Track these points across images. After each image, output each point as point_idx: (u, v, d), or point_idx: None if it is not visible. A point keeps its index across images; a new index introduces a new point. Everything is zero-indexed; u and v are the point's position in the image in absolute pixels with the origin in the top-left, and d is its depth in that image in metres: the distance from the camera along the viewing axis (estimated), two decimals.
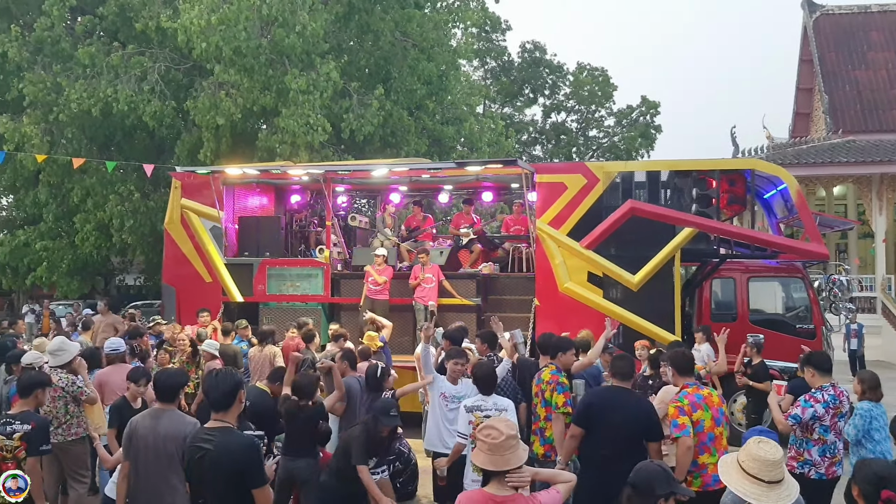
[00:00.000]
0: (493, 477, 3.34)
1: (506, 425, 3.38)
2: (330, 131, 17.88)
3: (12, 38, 18.39)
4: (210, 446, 3.91)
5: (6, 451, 5.19)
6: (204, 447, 3.92)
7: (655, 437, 5.42)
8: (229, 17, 16.32)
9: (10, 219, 26.06)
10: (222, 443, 3.91)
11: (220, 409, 4.04)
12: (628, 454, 5.20)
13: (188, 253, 12.25)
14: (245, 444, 3.97)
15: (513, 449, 3.32)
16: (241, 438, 4.00)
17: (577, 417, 5.63)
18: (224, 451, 3.87)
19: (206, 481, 3.93)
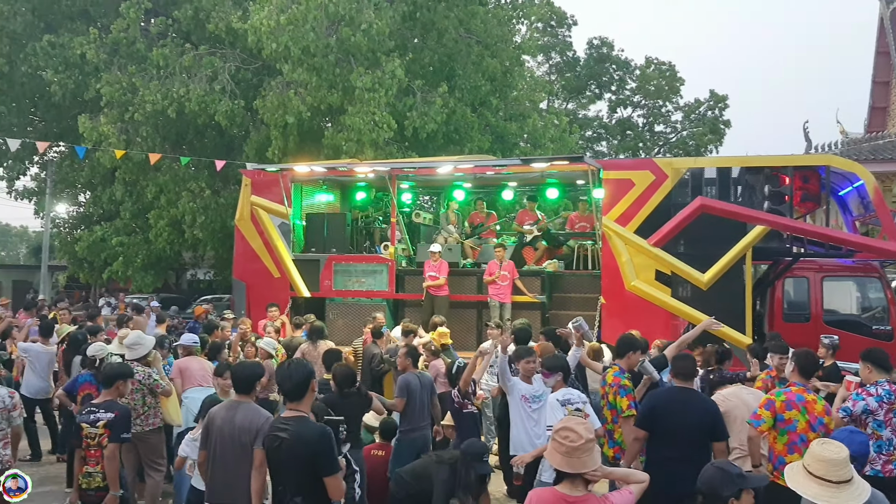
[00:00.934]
0: (567, 477, 3.34)
1: (584, 428, 3.38)
2: (394, 129, 18.01)
3: (90, 39, 19.05)
4: (286, 435, 4.03)
5: (91, 438, 5.45)
6: (280, 436, 4.04)
7: (721, 436, 5.36)
8: (297, 17, 16.58)
9: (88, 215, 27.01)
10: (297, 431, 4.02)
11: (294, 398, 4.16)
12: (694, 455, 5.16)
13: (257, 249, 12.54)
14: (318, 432, 4.08)
15: (589, 452, 3.32)
16: (315, 427, 4.11)
17: (640, 420, 5.58)
18: (298, 440, 3.99)
19: (282, 469, 4.05)
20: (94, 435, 5.44)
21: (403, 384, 6.97)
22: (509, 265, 11.16)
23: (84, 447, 5.47)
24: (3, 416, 5.89)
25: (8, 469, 5.95)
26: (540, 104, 27.06)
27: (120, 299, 20.87)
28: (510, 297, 10.98)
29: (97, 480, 5.43)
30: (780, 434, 5.26)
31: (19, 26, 20.34)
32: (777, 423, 5.25)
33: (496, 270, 11.04)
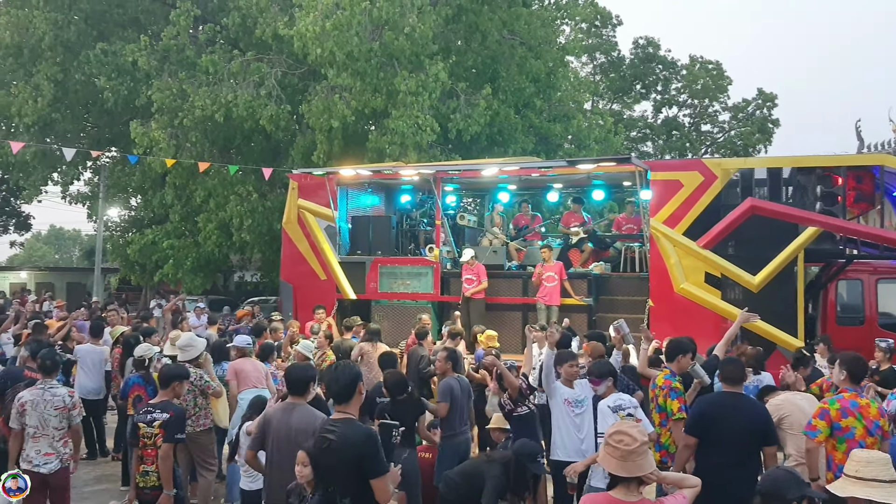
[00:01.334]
0: (621, 482, 3.32)
1: (638, 431, 3.35)
2: (438, 131, 18.06)
3: (141, 47, 19.48)
4: (333, 436, 4.06)
5: (147, 437, 5.58)
6: (328, 437, 4.08)
7: (772, 441, 5.27)
8: (342, 22, 16.73)
9: (139, 218, 27.63)
10: (344, 433, 4.06)
11: (342, 400, 4.20)
12: (744, 461, 5.07)
13: (304, 251, 12.69)
14: (364, 434, 4.11)
15: (644, 455, 3.30)
16: (361, 429, 4.15)
17: (689, 426, 5.51)
18: (345, 442, 4.02)
19: (330, 470, 4.08)
20: (151, 435, 5.57)
21: (446, 389, 6.96)
22: (557, 266, 11.10)
23: (141, 446, 5.62)
24: (63, 415, 6.08)
25: (69, 465, 6.14)
26: (584, 105, 26.87)
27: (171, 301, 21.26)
28: (558, 299, 10.92)
29: (153, 479, 5.57)
30: (838, 442, 5.15)
31: (73, 35, 20.89)
32: (834, 432, 5.15)
33: (545, 272, 11.00)
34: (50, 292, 27.70)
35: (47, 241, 72.45)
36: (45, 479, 5.96)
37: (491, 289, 11.60)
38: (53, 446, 6.04)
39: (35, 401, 6.04)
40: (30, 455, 5.99)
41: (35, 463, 5.97)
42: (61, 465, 6.06)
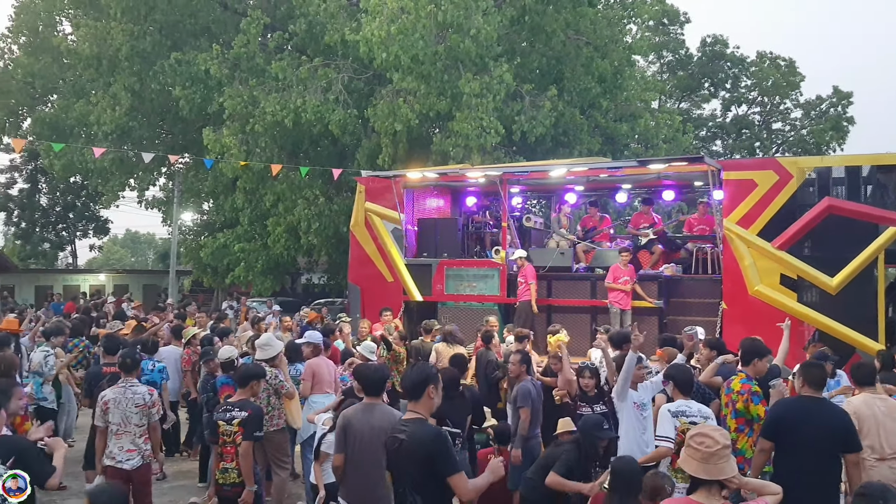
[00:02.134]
0: (703, 485, 3.27)
1: (720, 434, 3.29)
2: (502, 133, 18.04)
3: (213, 55, 20.04)
4: (404, 437, 4.08)
5: (227, 435, 5.72)
6: (399, 437, 4.10)
7: (854, 447, 5.09)
8: (407, 26, 16.86)
9: (211, 222, 28.41)
10: (414, 433, 4.08)
11: (412, 398, 4.23)
12: (823, 467, 4.92)
13: (371, 254, 12.82)
14: (433, 433, 4.12)
15: (726, 458, 3.24)
16: (431, 429, 4.17)
17: (765, 429, 5.36)
18: (416, 441, 4.04)
19: (402, 470, 4.11)
20: (230, 432, 5.71)
21: (525, 393, 6.94)
22: (631, 270, 10.97)
23: (221, 444, 5.76)
24: (144, 413, 6.24)
25: (150, 462, 6.33)
26: (652, 104, 26.44)
27: (242, 303, 21.80)
28: (630, 302, 10.81)
29: (232, 476, 5.70)
30: None
31: (148, 46, 21.61)
32: None
33: (621, 276, 10.86)
34: (129, 294, 28.76)
35: (124, 244, 75.05)
36: (128, 476, 6.09)
37: (558, 291, 11.52)
38: (135, 443, 6.18)
39: (117, 399, 6.21)
40: (113, 451, 6.16)
41: (118, 459, 6.13)
42: (143, 462, 6.20)
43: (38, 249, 41.83)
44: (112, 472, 6.11)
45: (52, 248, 42.71)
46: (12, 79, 25.41)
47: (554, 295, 11.61)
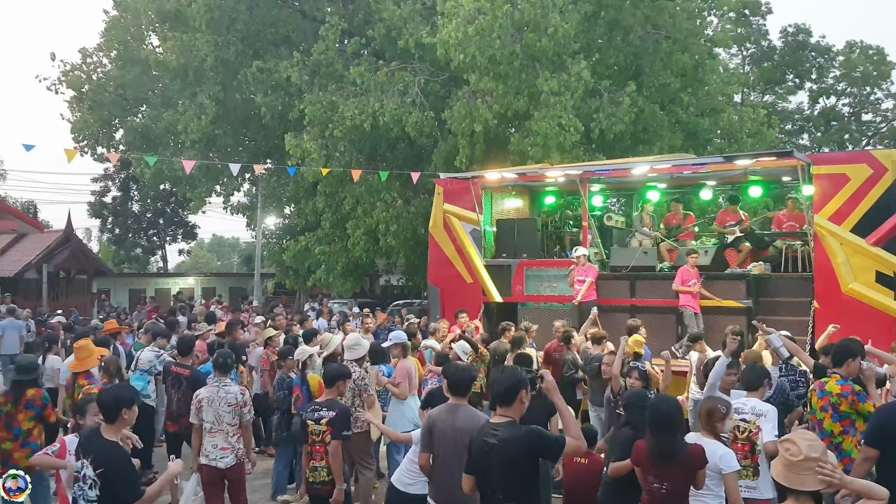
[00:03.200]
0: (790, 494, 3.17)
1: (808, 445, 3.18)
2: (581, 131, 17.83)
3: (294, 63, 20.50)
4: (495, 440, 4.05)
5: (315, 434, 5.83)
6: (489, 441, 4.07)
7: None
8: (484, 27, 16.85)
9: (292, 226, 29.07)
10: (507, 436, 4.05)
11: (503, 403, 4.20)
12: None
13: (450, 255, 12.85)
14: (526, 431, 4.11)
15: (809, 470, 3.13)
16: (522, 429, 4.14)
17: (868, 437, 5.13)
18: (509, 443, 4.03)
19: (493, 474, 4.08)
20: (319, 432, 5.82)
21: None
22: (696, 272, 10.66)
23: (310, 443, 5.87)
24: (235, 412, 6.37)
25: (244, 460, 6.47)
26: (734, 97, 25.65)
27: (323, 304, 22.23)
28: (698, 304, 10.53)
29: (322, 475, 5.80)
30: None
31: (231, 55, 22.28)
32: None
33: (690, 278, 10.57)
34: (219, 296, 29.76)
35: (210, 248, 77.62)
36: (222, 474, 6.26)
37: (642, 291, 11.28)
38: (228, 441, 6.31)
39: (210, 397, 6.38)
40: (207, 449, 6.32)
41: (212, 457, 6.28)
42: (236, 460, 6.32)
43: (131, 254, 43.85)
44: (207, 471, 6.28)
45: (143, 252, 44.71)
46: (105, 91, 26.56)
47: (637, 295, 11.37)
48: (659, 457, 4.58)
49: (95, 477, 4.29)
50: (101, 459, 4.33)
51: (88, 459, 4.37)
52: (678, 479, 4.58)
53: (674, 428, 4.61)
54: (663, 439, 4.57)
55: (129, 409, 4.55)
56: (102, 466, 4.30)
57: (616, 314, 11.25)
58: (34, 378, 6.82)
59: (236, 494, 6.40)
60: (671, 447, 4.55)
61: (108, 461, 4.33)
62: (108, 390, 4.88)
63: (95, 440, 4.48)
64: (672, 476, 4.57)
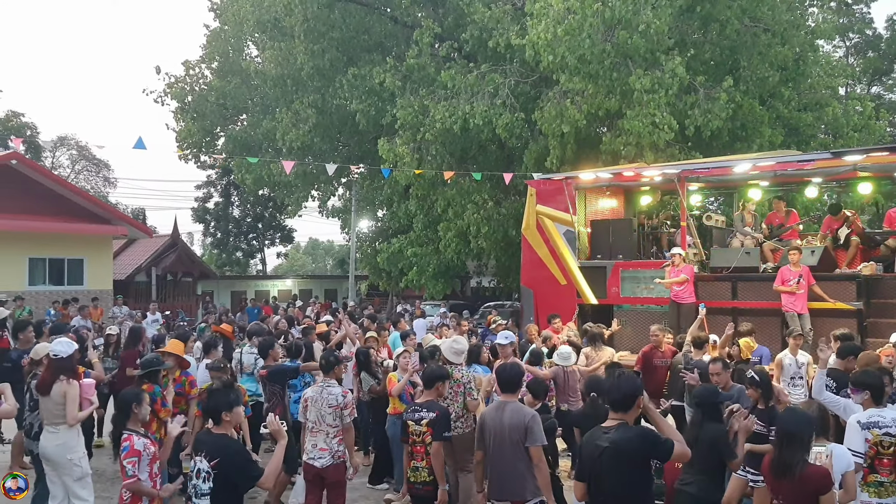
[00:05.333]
0: None
1: None
2: (676, 129, 17.42)
3: (387, 68, 20.86)
4: (607, 443, 4.03)
5: (416, 435, 5.92)
6: (601, 444, 4.05)
7: None
8: (574, 26, 16.70)
9: (385, 229, 29.57)
10: (619, 437, 4.03)
11: (620, 409, 4.17)
12: None
13: (544, 257, 12.80)
14: (638, 432, 4.11)
15: None
16: (632, 429, 4.13)
17: None
18: (621, 444, 4.01)
19: (605, 477, 4.06)
20: (419, 433, 5.91)
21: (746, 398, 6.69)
22: (804, 270, 10.22)
23: (410, 443, 5.97)
24: (336, 414, 6.43)
25: (342, 463, 6.55)
26: (839, 90, 24.52)
27: (416, 306, 22.51)
28: (805, 305, 10.08)
29: (423, 475, 5.89)
30: None
31: (327, 63, 22.85)
32: None
33: (791, 278, 10.16)
34: (315, 297, 30.61)
35: (305, 251, 79.75)
36: (319, 473, 6.34)
37: (744, 293, 10.95)
38: (328, 442, 6.37)
39: (314, 397, 6.52)
40: (307, 448, 6.45)
41: (311, 456, 6.40)
42: (333, 462, 6.34)
43: (232, 257, 45.61)
44: (307, 468, 6.43)
45: (244, 256, 46.42)
46: (207, 101, 27.68)
47: (739, 297, 11.04)
48: (775, 469, 4.42)
49: (210, 469, 4.52)
50: (215, 451, 4.57)
51: (202, 454, 4.60)
52: (793, 497, 4.35)
53: (795, 443, 4.37)
54: (782, 453, 4.39)
55: (229, 412, 4.72)
56: (217, 457, 4.53)
57: (717, 316, 10.94)
58: (150, 373, 7.13)
59: (333, 497, 6.43)
60: (788, 461, 4.35)
61: (221, 451, 4.56)
62: (210, 395, 5.10)
63: (206, 436, 4.74)
64: (785, 492, 4.38)
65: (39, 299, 22.89)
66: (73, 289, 24.40)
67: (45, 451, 6.45)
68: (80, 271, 25.58)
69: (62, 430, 6.40)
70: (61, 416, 6.37)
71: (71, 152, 49.49)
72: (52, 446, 6.40)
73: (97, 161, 49.88)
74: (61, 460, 6.40)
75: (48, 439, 6.43)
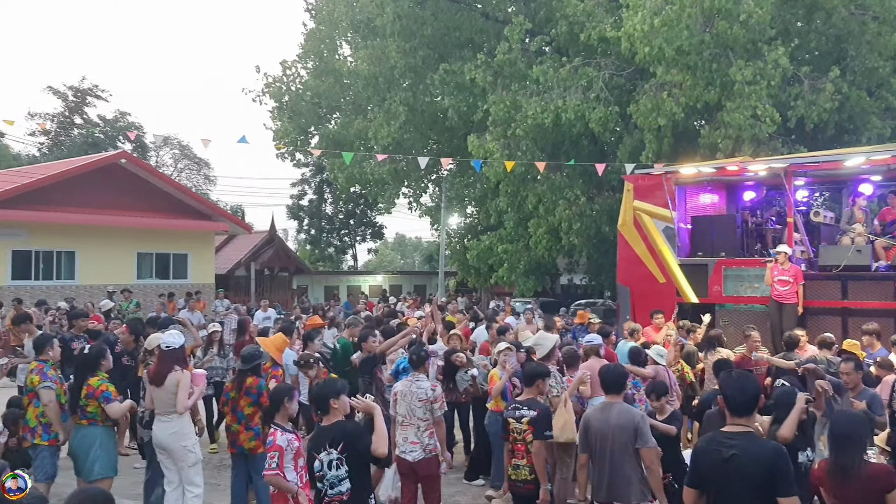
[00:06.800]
0: None
1: None
2: (778, 122, 16.76)
3: (478, 64, 20.87)
4: (734, 451, 3.79)
5: (517, 433, 5.90)
6: (724, 452, 3.82)
7: None
8: (671, 17, 16.30)
9: (474, 226, 29.65)
10: (749, 448, 3.78)
11: (742, 413, 3.92)
12: None
13: (641, 254, 12.52)
14: (774, 449, 3.85)
15: None
16: (768, 444, 3.90)
17: None
18: (751, 457, 3.75)
19: (728, 487, 3.83)
20: (520, 430, 5.89)
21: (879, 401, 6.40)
22: None
23: (511, 441, 5.95)
24: (427, 408, 6.46)
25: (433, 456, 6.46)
26: None
27: (506, 303, 22.46)
28: None
29: (524, 473, 5.86)
30: None
31: (419, 60, 23.06)
32: None
33: None
34: (407, 293, 31.03)
35: (393, 247, 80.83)
36: (412, 467, 6.38)
37: (855, 293, 10.42)
38: (419, 436, 6.40)
39: (404, 391, 6.58)
40: (398, 441, 6.49)
41: (402, 450, 6.44)
42: (425, 456, 6.35)
43: (325, 253, 46.74)
44: (400, 462, 6.47)
45: (336, 251, 47.46)
46: (302, 100, 28.41)
47: (850, 297, 10.51)
48: (834, 474, 4.15)
49: (339, 455, 4.66)
50: (337, 438, 4.70)
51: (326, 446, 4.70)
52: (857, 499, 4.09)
53: (851, 445, 4.14)
54: (838, 456, 4.14)
55: (336, 399, 4.84)
56: (341, 441, 4.68)
57: (825, 317, 10.48)
58: (253, 367, 7.34)
59: (428, 492, 6.45)
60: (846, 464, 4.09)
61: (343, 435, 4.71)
62: (317, 386, 5.24)
63: (322, 429, 4.86)
64: (848, 495, 4.10)
65: (147, 292, 24.04)
66: (177, 282, 25.52)
67: (159, 440, 6.75)
68: (185, 265, 26.73)
69: (174, 419, 6.68)
70: (174, 406, 6.65)
71: (174, 151, 51.76)
72: (166, 435, 6.69)
73: (198, 160, 51.99)
74: (175, 448, 6.69)
75: (161, 428, 6.73)
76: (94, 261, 23.84)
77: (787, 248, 10.71)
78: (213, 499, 7.84)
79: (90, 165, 24.20)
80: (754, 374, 8.56)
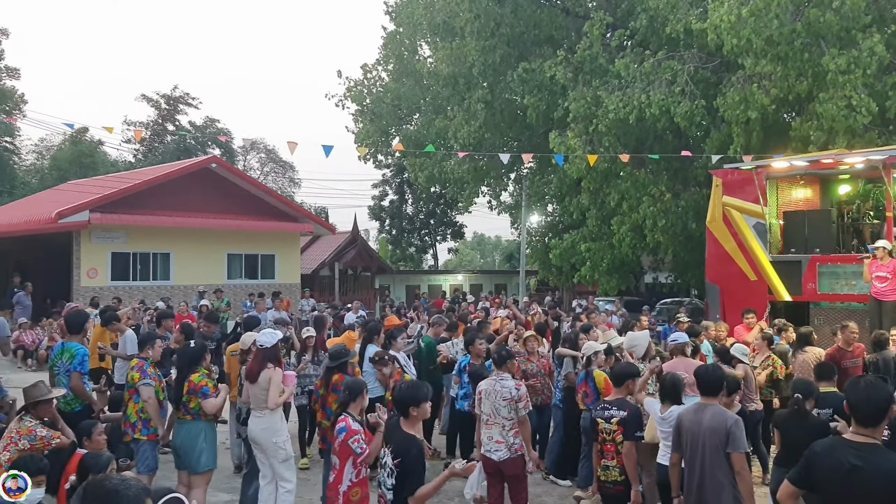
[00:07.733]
0: None
1: None
2: (875, 112, 16.00)
3: (558, 61, 20.69)
4: (860, 462, 3.57)
5: (605, 433, 5.85)
6: (850, 462, 3.60)
7: None
8: (760, 7, 15.78)
9: (555, 224, 29.38)
10: (875, 462, 3.56)
11: (868, 424, 3.67)
12: None
13: (731, 251, 12.21)
14: None
15: None
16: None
17: None
18: (878, 472, 3.53)
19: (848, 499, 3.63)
20: (609, 431, 5.83)
21: None
22: None
23: (600, 441, 5.90)
24: (511, 407, 6.42)
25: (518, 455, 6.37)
26: None
27: (590, 301, 22.23)
28: None
29: (614, 474, 5.80)
30: None
31: (498, 59, 23.03)
32: None
33: None
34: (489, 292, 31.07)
35: (473, 246, 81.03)
36: (497, 466, 6.35)
37: None
38: (503, 435, 6.37)
39: (488, 390, 6.58)
40: (483, 440, 6.51)
41: (487, 448, 6.45)
42: (510, 455, 6.32)
43: (406, 253, 47.28)
44: (486, 461, 6.43)
45: (416, 251, 47.94)
46: (383, 102, 28.80)
47: None
48: None
49: (393, 466, 4.61)
50: (399, 450, 4.62)
51: (389, 449, 4.71)
52: None
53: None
54: None
55: (416, 408, 4.78)
56: (400, 457, 4.60)
57: None
58: (340, 364, 7.50)
59: (514, 492, 6.41)
60: None
61: (405, 453, 4.61)
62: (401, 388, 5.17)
63: (396, 432, 4.79)
64: None
65: (237, 292, 24.86)
66: (265, 282, 26.28)
67: (253, 435, 6.99)
68: (272, 266, 27.51)
69: (267, 415, 6.89)
70: (266, 401, 6.87)
71: (260, 155, 53.30)
72: (259, 430, 6.92)
73: (283, 163, 53.39)
74: (267, 443, 6.90)
75: (255, 423, 6.96)
76: (188, 262, 24.82)
77: (886, 243, 10.23)
78: (304, 492, 8.04)
79: (183, 171, 25.21)
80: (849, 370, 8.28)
